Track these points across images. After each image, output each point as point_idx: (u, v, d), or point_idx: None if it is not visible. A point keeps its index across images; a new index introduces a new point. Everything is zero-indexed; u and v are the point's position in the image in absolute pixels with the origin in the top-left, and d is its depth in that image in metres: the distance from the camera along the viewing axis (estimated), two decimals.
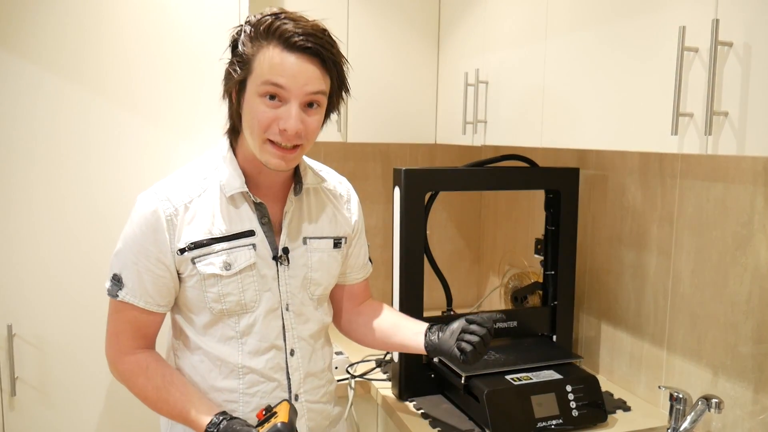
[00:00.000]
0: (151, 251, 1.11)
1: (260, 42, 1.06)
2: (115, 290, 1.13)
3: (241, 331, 1.16)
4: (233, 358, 1.16)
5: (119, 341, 1.16)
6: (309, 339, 1.23)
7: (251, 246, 1.15)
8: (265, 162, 1.11)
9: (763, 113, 0.89)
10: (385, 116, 1.96)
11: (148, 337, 1.18)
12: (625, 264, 1.64)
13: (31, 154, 1.44)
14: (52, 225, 1.46)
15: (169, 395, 1.12)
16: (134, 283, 1.12)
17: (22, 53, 1.41)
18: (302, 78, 1.06)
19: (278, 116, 1.06)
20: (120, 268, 1.13)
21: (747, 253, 1.29)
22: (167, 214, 1.11)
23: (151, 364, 1.15)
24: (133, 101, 1.49)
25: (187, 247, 1.11)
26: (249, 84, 1.08)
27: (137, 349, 1.16)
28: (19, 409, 1.48)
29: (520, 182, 1.67)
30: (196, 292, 1.14)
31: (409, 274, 1.51)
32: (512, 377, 1.43)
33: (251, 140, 1.10)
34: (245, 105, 1.09)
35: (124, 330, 1.15)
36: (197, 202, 1.13)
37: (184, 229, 1.11)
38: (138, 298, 1.13)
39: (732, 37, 0.93)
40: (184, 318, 1.18)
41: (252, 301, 1.15)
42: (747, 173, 1.29)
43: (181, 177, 1.16)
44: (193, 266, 1.12)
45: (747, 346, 1.30)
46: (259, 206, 1.17)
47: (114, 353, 1.17)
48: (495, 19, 1.64)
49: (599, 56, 1.22)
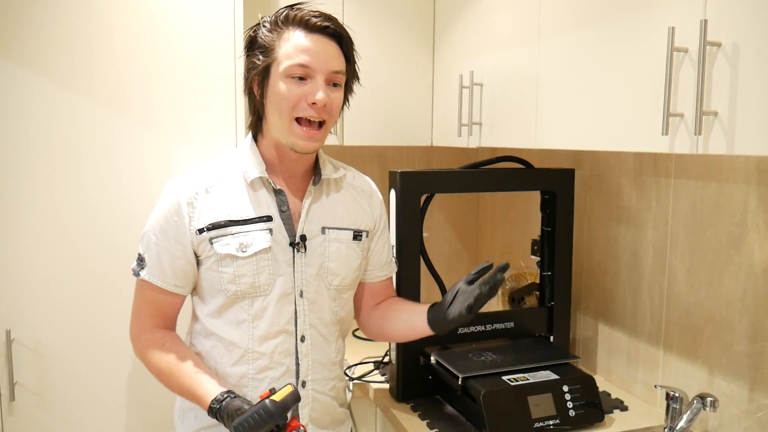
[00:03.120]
0: (170, 232, 1.18)
1: (280, 29, 1.16)
2: (138, 269, 1.21)
3: (253, 314, 1.20)
4: (243, 343, 1.20)
5: (140, 319, 1.23)
6: (321, 328, 1.26)
7: (268, 230, 1.20)
8: (292, 144, 1.18)
9: (751, 113, 0.90)
10: (382, 119, 1.97)
11: (167, 318, 1.25)
12: (621, 264, 1.64)
13: (26, 161, 1.44)
14: (49, 230, 1.47)
15: (180, 371, 1.17)
16: (153, 264, 1.20)
17: (14, 58, 1.41)
18: (324, 56, 1.15)
19: (306, 93, 1.14)
20: (144, 249, 1.21)
21: (741, 252, 1.30)
22: (188, 197, 1.18)
23: (167, 342, 1.21)
24: (127, 105, 1.50)
25: (206, 227, 1.18)
26: (273, 69, 1.16)
27: (156, 327, 1.23)
28: (18, 414, 1.48)
29: (516, 184, 1.68)
30: (212, 274, 1.19)
31: (406, 276, 1.52)
32: (509, 378, 1.43)
33: (279, 123, 1.17)
34: (270, 90, 1.17)
35: (145, 308, 1.23)
36: (218, 187, 1.20)
37: (204, 211, 1.18)
38: (156, 278, 1.20)
39: (720, 37, 0.93)
40: (201, 302, 1.24)
41: (266, 284, 1.20)
42: (740, 172, 1.30)
43: (207, 165, 1.25)
44: (210, 246, 1.18)
45: (742, 345, 1.30)
46: (279, 193, 1.23)
47: (136, 330, 1.24)
48: (489, 22, 1.65)
49: (591, 57, 1.23)
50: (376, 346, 1.96)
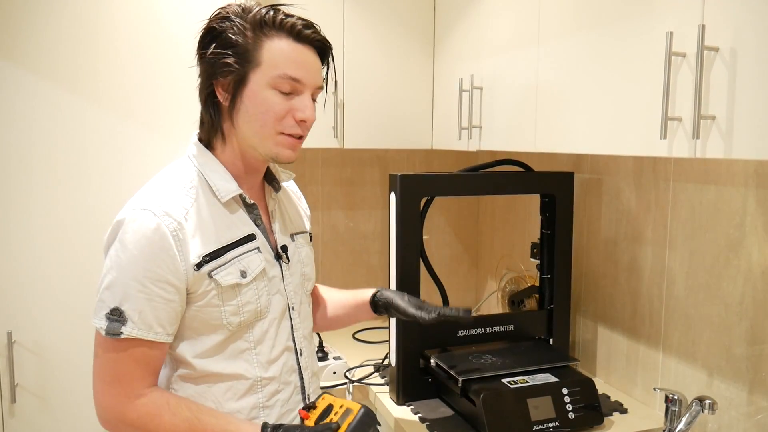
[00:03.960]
0: (159, 274, 1.00)
1: (262, 33, 1.04)
2: (117, 327, 1.00)
3: (255, 340, 1.10)
4: (250, 373, 1.09)
5: (125, 385, 1.03)
6: (309, 337, 1.24)
7: (256, 249, 1.11)
8: (275, 155, 1.08)
9: (749, 117, 0.90)
10: (382, 122, 1.98)
11: (156, 374, 1.06)
12: (620, 267, 1.65)
13: (29, 163, 1.45)
14: (51, 233, 1.48)
15: (203, 423, 1.02)
16: (142, 315, 1.00)
17: (18, 61, 1.42)
18: (313, 70, 1.08)
19: (293, 108, 1.06)
20: (119, 301, 1.00)
21: (740, 255, 1.30)
22: (172, 230, 1.01)
23: (170, 398, 1.04)
24: (131, 109, 1.51)
25: (202, 260, 1.02)
26: (253, 76, 1.04)
27: (148, 387, 1.03)
28: (19, 416, 1.48)
29: (515, 187, 1.69)
30: (212, 310, 1.05)
31: (406, 279, 1.52)
32: (509, 380, 1.43)
33: (258, 134, 1.06)
34: (247, 99, 1.04)
35: (131, 370, 1.02)
36: (192, 212, 1.04)
37: (191, 243, 1.02)
38: (147, 331, 1.01)
39: (718, 42, 0.94)
40: (189, 344, 1.07)
41: (265, 306, 1.11)
42: (738, 176, 1.30)
43: (164, 189, 1.06)
44: (210, 281, 1.03)
45: (741, 348, 1.30)
46: (252, 208, 1.14)
47: (119, 400, 1.03)
48: (488, 26, 1.65)
49: (590, 62, 1.24)
50: (376, 349, 1.97)
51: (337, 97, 1.89)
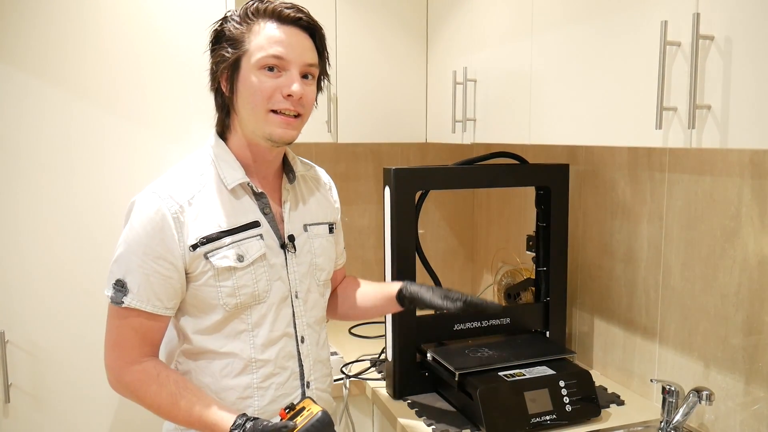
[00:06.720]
0: (158, 252, 1.09)
1: (250, 21, 1.12)
2: (120, 297, 1.09)
3: (253, 323, 1.16)
4: (245, 353, 1.16)
5: (124, 350, 1.11)
6: (315, 326, 1.27)
7: (259, 236, 1.16)
8: (269, 135, 1.13)
9: (744, 106, 0.90)
10: (376, 116, 1.97)
11: (154, 344, 1.15)
12: (616, 259, 1.65)
13: (18, 162, 1.43)
14: (42, 232, 1.46)
15: (185, 400, 1.09)
16: (141, 287, 1.09)
17: (6, 58, 1.40)
18: (299, 48, 1.12)
19: (280, 85, 1.11)
20: (123, 273, 1.10)
21: (735, 245, 1.30)
22: (173, 212, 1.10)
23: (161, 371, 1.12)
24: (120, 106, 1.49)
25: (199, 242, 1.10)
26: (244, 62, 1.11)
27: (144, 357, 1.12)
28: (13, 416, 1.47)
29: (510, 179, 1.68)
30: (209, 290, 1.12)
31: (401, 273, 1.52)
32: (505, 374, 1.43)
33: (253, 116, 1.12)
34: (241, 84, 1.12)
35: (130, 338, 1.11)
36: (199, 197, 1.13)
37: (191, 225, 1.11)
38: (145, 303, 1.10)
39: (713, 30, 0.93)
40: (190, 321, 1.16)
41: (264, 291, 1.16)
42: (734, 166, 1.30)
43: (177, 175, 1.16)
44: (206, 262, 1.11)
45: (737, 338, 1.30)
46: (260, 196, 1.19)
47: (119, 364, 1.12)
48: (481, 17, 1.64)
49: (584, 52, 1.23)
50: (373, 344, 1.96)
51: (330, 91, 1.87)
